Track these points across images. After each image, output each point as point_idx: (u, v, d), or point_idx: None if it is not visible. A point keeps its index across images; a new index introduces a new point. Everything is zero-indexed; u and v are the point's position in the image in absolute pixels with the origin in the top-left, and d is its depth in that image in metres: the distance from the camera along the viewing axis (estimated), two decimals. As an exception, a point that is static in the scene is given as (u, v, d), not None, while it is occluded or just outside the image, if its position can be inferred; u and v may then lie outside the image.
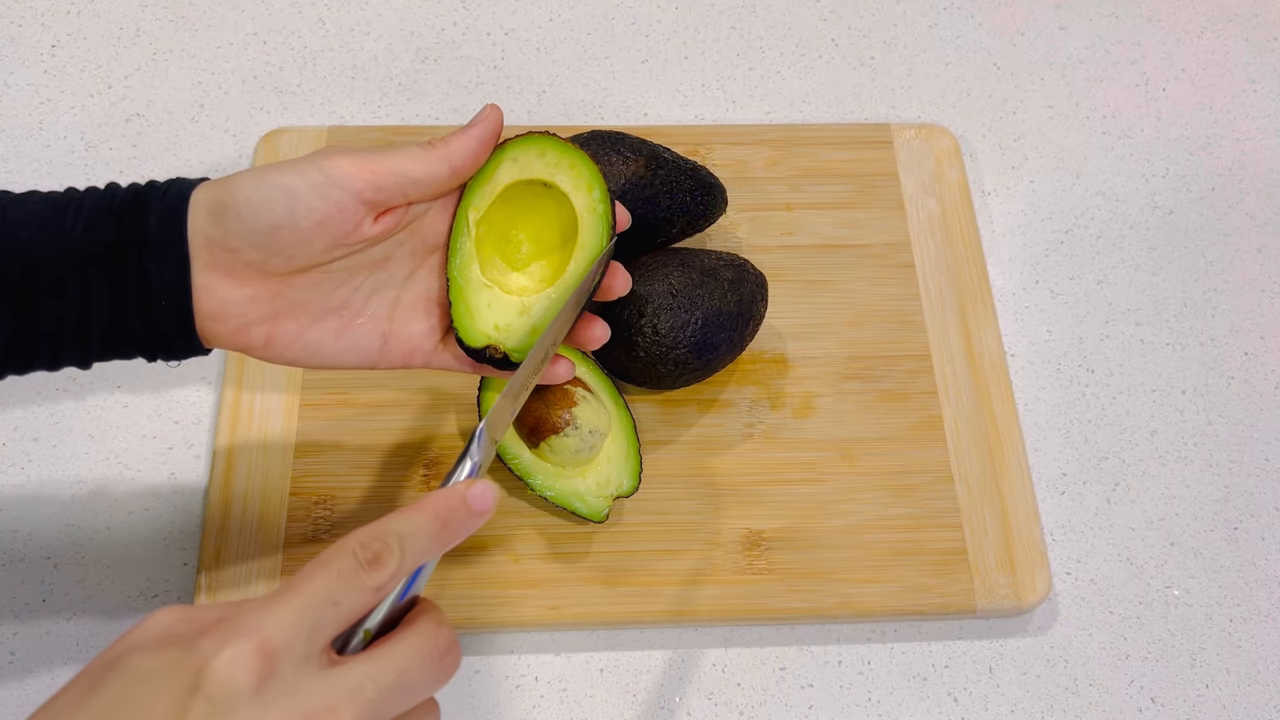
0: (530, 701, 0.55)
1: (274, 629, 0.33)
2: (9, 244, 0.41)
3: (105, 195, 0.42)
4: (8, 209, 0.42)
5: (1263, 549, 0.60)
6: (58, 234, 0.41)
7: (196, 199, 0.42)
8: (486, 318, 0.47)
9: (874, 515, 0.59)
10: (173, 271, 0.41)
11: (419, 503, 0.37)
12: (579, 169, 0.46)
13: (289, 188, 0.41)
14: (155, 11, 0.74)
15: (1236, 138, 0.74)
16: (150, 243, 0.41)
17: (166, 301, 0.41)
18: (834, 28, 0.77)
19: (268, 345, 0.44)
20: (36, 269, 0.40)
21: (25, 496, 0.58)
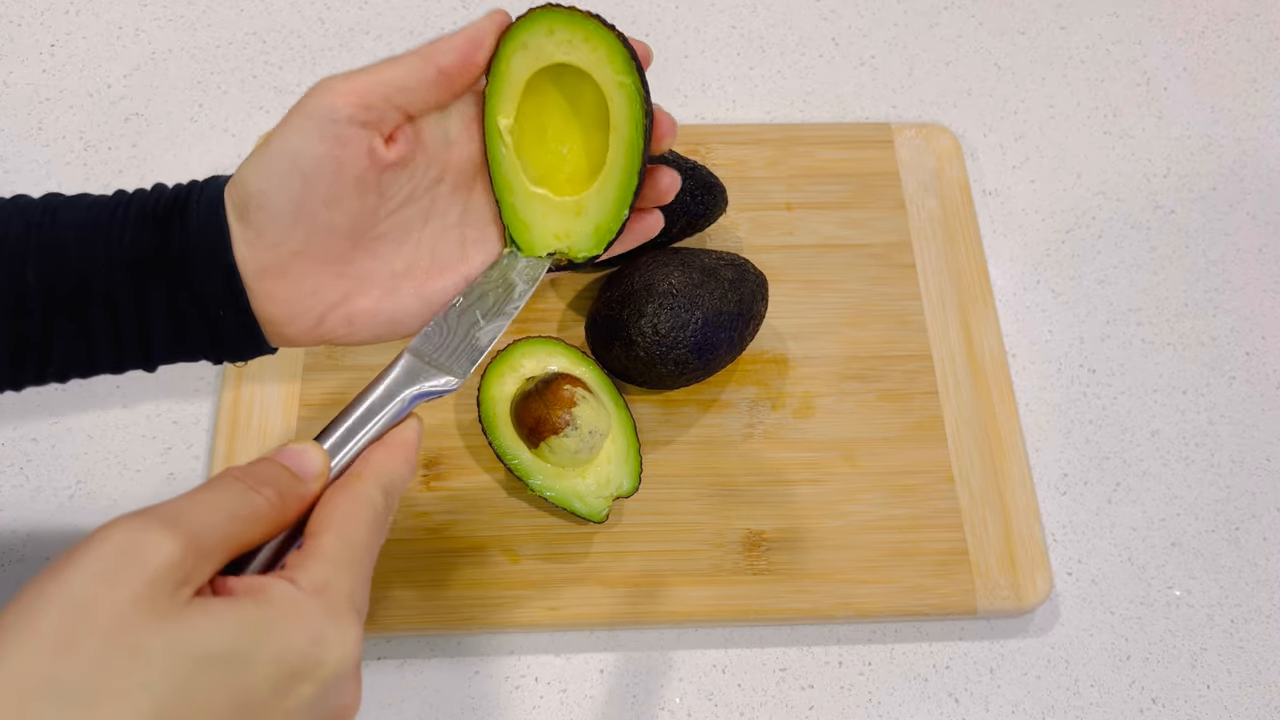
0: (530, 702, 0.55)
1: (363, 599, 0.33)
2: (60, 253, 0.39)
3: (149, 200, 0.41)
4: (57, 214, 0.40)
5: (1264, 549, 0.60)
6: (106, 243, 0.39)
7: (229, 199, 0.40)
8: (545, 227, 0.43)
9: (874, 516, 0.58)
10: (220, 281, 0.39)
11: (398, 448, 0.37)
12: (594, 40, 0.41)
13: (288, 150, 0.38)
14: (154, 11, 0.74)
15: (1238, 137, 0.74)
16: (192, 254, 0.39)
17: (224, 310, 0.40)
18: (834, 27, 0.77)
19: (351, 330, 0.42)
20: (89, 280, 0.39)
21: (25, 496, 0.58)
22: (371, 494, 0.35)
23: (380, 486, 0.35)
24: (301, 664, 0.30)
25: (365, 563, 0.33)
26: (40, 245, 0.40)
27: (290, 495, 0.34)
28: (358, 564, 0.33)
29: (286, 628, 0.30)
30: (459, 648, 0.56)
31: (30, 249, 0.39)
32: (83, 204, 0.41)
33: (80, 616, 0.27)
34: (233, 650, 0.28)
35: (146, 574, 0.28)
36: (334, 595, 0.31)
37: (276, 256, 0.40)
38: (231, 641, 0.29)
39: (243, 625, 0.29)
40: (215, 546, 0.30)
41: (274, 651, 0.29)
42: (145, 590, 0.28)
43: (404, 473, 0.37)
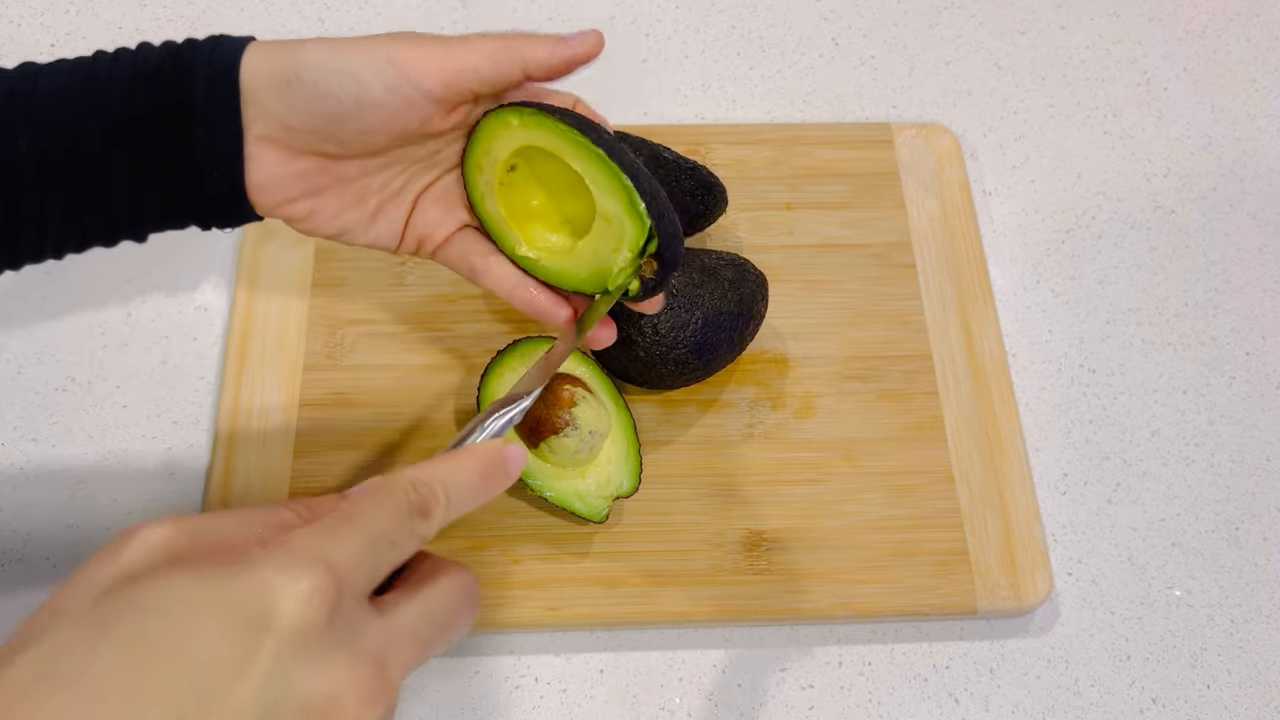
0: (530, 702, 0.55)
1: (343, 560, 0.29)
2: (46, 123, 0.39)
3: (139, 57, 0.40)
4: (38, 82, 0.40)
5: (1264, 549, 0.60)
6: (97, 103, 0.39)
7: (255, 66, 0.40)
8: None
9: (874, 516, 0.58)
10: (223, 141, 0.40)
11: (461, 453, 0.35)
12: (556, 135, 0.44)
13: (359, 78, 0.40)
14: (154, 11, 0.74)
15: (1238, 137, 0.74)
16: (197, 111, 0.39)
17: (218, 171, 0.40)
18: (834, 27, 0.77)
19: (309, 218, 0.44)
20: (80, 141, 0.39)
21: (25, 497, 0.58)
22: (393, 480, 0.33)
23: (409, 476, 0.33)
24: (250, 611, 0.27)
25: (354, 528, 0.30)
26: (28, 111, 0.39)
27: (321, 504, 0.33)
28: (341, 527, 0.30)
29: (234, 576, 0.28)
30: (459, 648, 0.56)
31: (17, 116, 0.39)
32: (64, 67, 0.40)
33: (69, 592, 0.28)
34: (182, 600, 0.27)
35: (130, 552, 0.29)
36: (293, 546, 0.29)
37: (288, 137, 0.41)
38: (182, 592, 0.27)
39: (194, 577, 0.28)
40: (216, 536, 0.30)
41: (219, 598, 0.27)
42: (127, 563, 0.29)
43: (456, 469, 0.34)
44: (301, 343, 0.61)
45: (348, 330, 0.62)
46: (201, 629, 0.27)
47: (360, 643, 0.29)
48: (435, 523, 0.33)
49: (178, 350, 0.63)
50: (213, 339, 0.63)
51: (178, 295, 0.64)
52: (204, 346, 0.63)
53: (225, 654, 0.27)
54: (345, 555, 0.29)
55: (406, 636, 0.30)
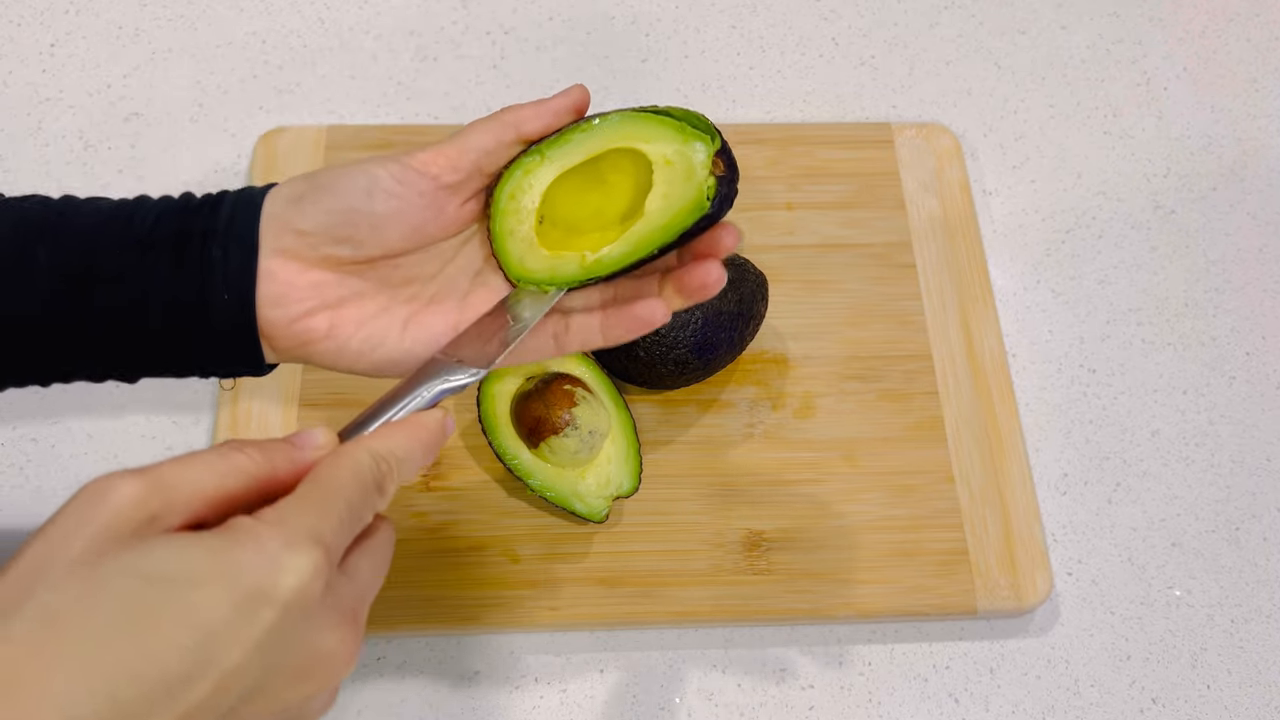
0: (530, 702, 0.55)
1: (331, 537, 0.32)
2: (74, 235, 0.40)
3: (180, 198, 0.42)
4: (80, 205, 0.41)
5: (1264, 549, 0.60)
6: (124, 228, 0.40)
7: (277, 191, 0.41)
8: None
9: (875, 516, 0.58)
10: (238, 259, 0.40)
11: (408, 426, 0.37)
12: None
13: (370, 173, 0.40)
14: (154, 10, 0.74)
15: (1238, 137, 0.74)
16: (218, 232, 0.40)
17: (229, 291, 0.40)
18: (834, 26, 0.77)
19: (329, 334, 0.41)
20: (97, 258, 0.40)
21: (25, 496, 0.58)
22: (358, 454, 0.34)
23: (371, 451, 0.35)
24: (255, 585, 0.29)
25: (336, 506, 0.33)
26: (57, 226, 0.40)
27: (279, 456, 0.34)
28: (326, 505, 0.32)
29: (238, 550, 0.30)
30: (459, 648, 0.56)
31: (45, 229, 0.40)
32: (105, 201, 0.42)
33: (51, 548, 0.29)
34: (182, 570, 0.29)
35: (109, 509, 0.30)
36: (290, 524, 0.31)
37: (300, 245, 0.40)
38: (181, 561, 0.29)
39: (196, 548, 0.30)
40: (187, 493, 0.31)
41: (225, 571, 0.29)
42: (107, 522, 0.29)
43: (406, 445, 0.36)
44: (301, 343, 0.61)
45: (348, 330, 0.62)
46: (203, 597, 0.29)
47: (341, 604, 0.32)
48: (389, 496, 0.35)
49: (177, 350, 0.62)
50: (212, 339, 0.63)
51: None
52: (204, 346, 0.63)
53: (227, 621, 0.29)
54: (333, 532, 0.32)
55: (367, 589, 0.34)
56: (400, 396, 0.39)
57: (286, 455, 0.34)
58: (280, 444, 0.35)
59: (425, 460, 0.37)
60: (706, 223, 0.42)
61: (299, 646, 0.31)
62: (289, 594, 0.30)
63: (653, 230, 0.42)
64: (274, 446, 0.34)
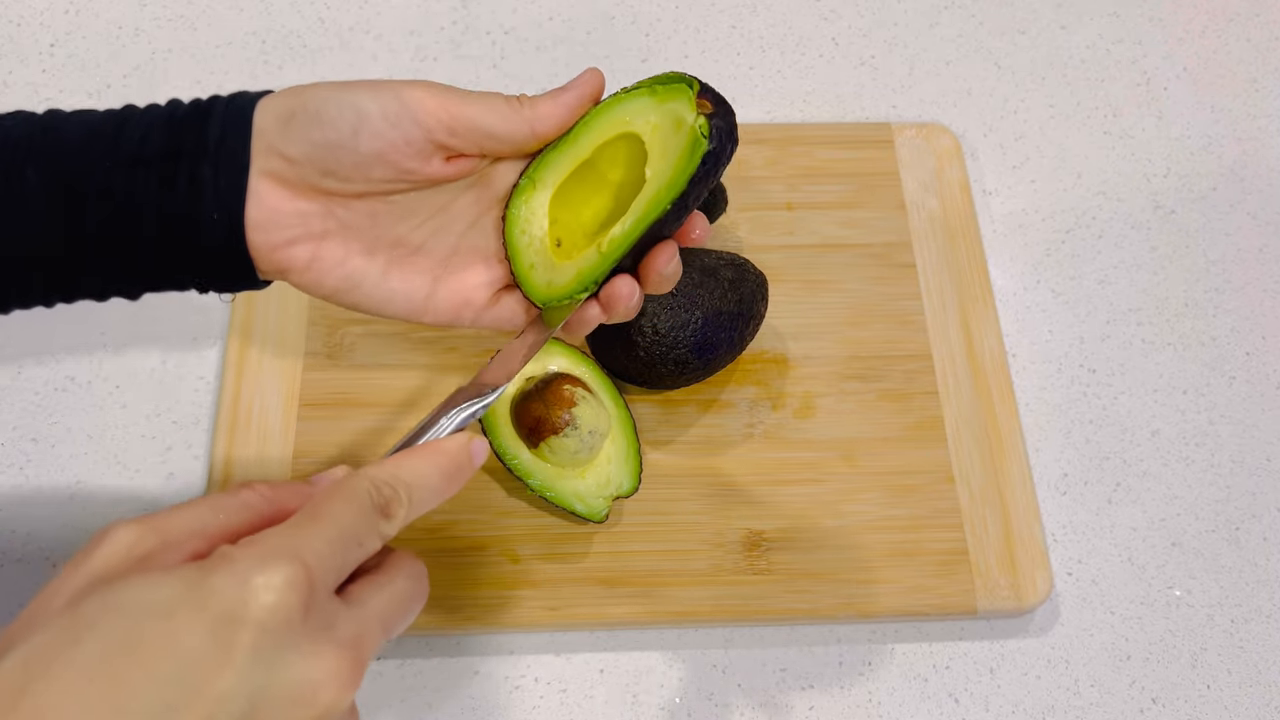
0: (530, 703, 0.55)
1: (313, 556, 0.31)
2: (62, 152, 0.39)
3: (166, 109, 0.41)
4: (66, 121, 0.40)
5: (1264, 549, 0.60)
6: (113, 143, 0.40)
7: (267, 105, 0.40)
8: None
9: (875, 516, 0.58)
10: (228, 178, 0.39)
11: (424, 452, 0.36)
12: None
13: (360, 107, 0.39)
14: (154, 10, 0.74)
15: (1238, 137, 0.74)
16: (209, 150, 0.39)
17: (218, 211, 0.39)
18: (834, 26, 0.77)
19: (310, 266, 0.41)
20: (86, 174, 0.39)
21: (25, 497, 0.58)
22: (355, 480, 0.34)
23: (371, 476, 0.34)
24: (227, 607, 0.29)
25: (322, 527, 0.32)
26: (44, 145, 0.40)
27: (290, 492, 0.34)
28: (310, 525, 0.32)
29: (210, 575, 0.29)
30: (459, 648, 0.56)
31: (33, 149, 0.39)
32: (93, 114, 0.41)
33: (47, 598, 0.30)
34: (156, 600, 0.29)
35: (100, 555, 0.30)
36: (266, 545, 0.30)
37: (287, 170, 0.40)
38: (156, 592, 0.29)
39: (170, 578, 0.29)
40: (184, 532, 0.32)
41: (197, 597, 0.29)
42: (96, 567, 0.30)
43: (418, 470, 0.36)
44: (301, 343, 0.61)
45: (348, 330, 0.62)
46: (178, 625, 0.28)
47: (335, 632, 0.31)
48: (398, 522, 0.34)
49: (177, 350, 0.63)
50: (212, 339, 0.63)
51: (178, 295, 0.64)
52: (204, 346, 0.63)
53: (205, 647, 0.28)
54: (315, 552, 0.31)
55: (374, 623, 0.32)
56: (428, 427, 0.39)
57: (296, 491, 0.34)
58: (295, 483, 0.35)
59: (447, 487, 0.36)
60: (713, 161, 0.40)
61: (285, 672, 0.29)
62: (264, 612, 0.29)
63: (658, 189, 0.41)
64: (286, 485, 0.34)
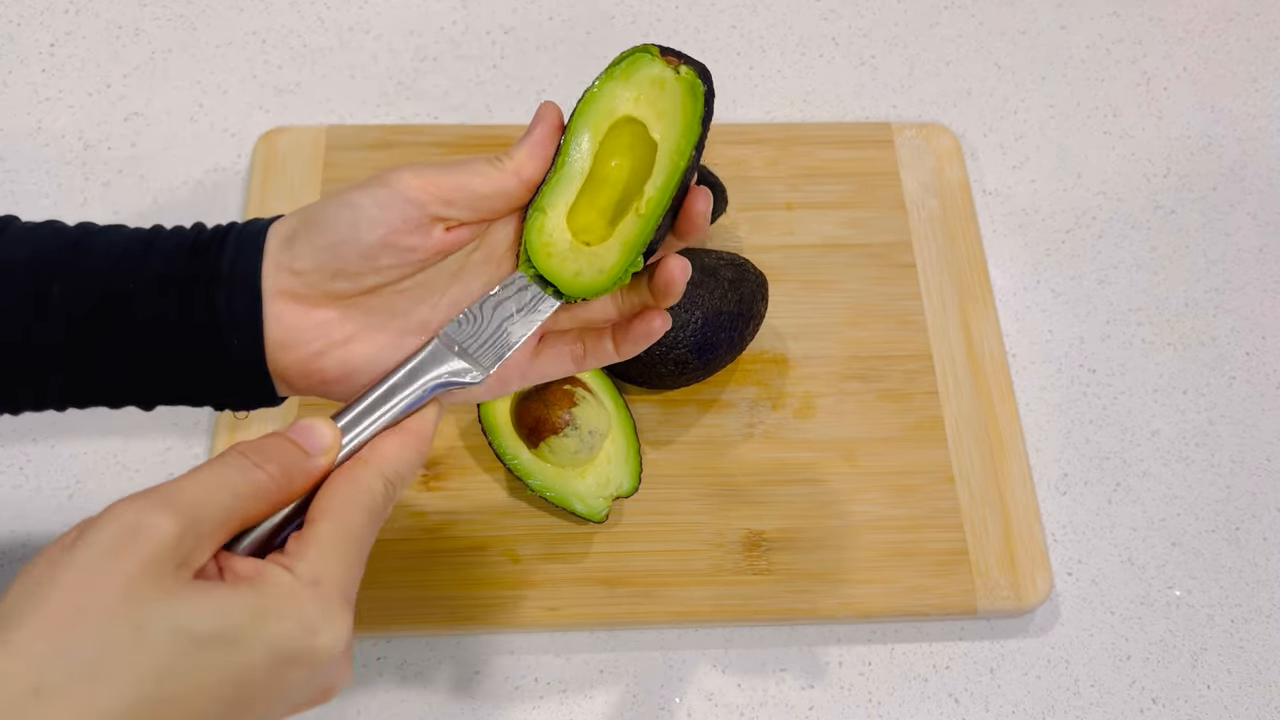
0: (530, 703, 0.55)
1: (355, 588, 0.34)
2: (88, 267, 0.40)
3: (190, 232, 0.42)
4: (94, 237, 0.41)
5: (1264, 549, 0.60)
6: (138, 263, 0.40)
7: (275, 230, 0.41)
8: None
9: (875, 516, 0.58)
10: (243, 305, 0.40)
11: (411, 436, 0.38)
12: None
13: (353, 203, 0.40)
14: (154, 10, 0.74)
15: (1238, 137, 0.74)
16: (222, 277, 0.40)
17: (238, 337, 0.40)
18: (834, 26, 0.77)
19: (343, 374, 0.41)
20: (111, 295, 0.40)
21: (25, 496, 0.58)
22: (372, 482, 0.36)
23: (383, 474, 0.36)
24: (294, 651, 0.31)
25: (358, 550, 0.34)
26: (72, 263, 0.40)
27: (295, 470, 0.35)
28: (351, 551, 0.34)
29: (281, 616, 0.31)
30: (459, 648, 0.56)
31: (61, 265, 0.40)
32: (120, 232, 0.42)
33: (87, 591, 0.30)
34: (230, 633, 0.31)
35: (147, 553, 0.30)
36: (327, 586, 0.33)
37: (299, 284, 0.40)
38: (229, 625, 0.31)
39: (240, 610, 0.31)
40: (216, 526, 0.32)
41: (268, 638, 0.31)
42: (146, 568, 0.30)
43: (412, 461, 0.37)
44: (301, 343, 0.61)
45: (347, 330, 0.62)
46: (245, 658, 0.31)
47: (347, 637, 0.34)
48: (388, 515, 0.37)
49: (177, 350, 0.62)
50: (212, 339, 0.63)
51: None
52: (204, 346, 0.63)
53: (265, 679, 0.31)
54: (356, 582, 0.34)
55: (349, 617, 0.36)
56: (398, 388, 0.39)
57: (301, 468, 0.35)
58: (291, 450, 0.35)
59: (420, 466, 0.38)
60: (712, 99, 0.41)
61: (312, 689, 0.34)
62: (323, 655, 0.32)
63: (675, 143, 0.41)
64: (287, 457, 0.35)
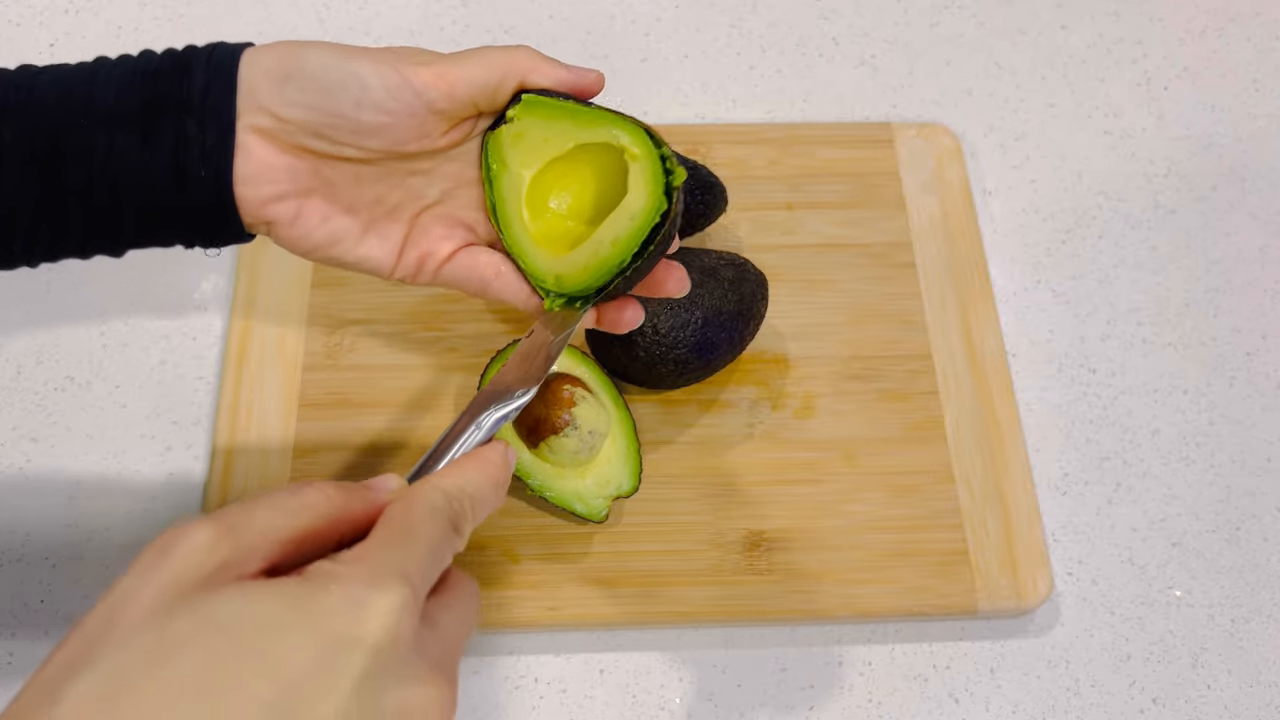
0: (530, 702, 0.55)
1: (418, 576, 0.30)
2: (35, 112, 0.39)
3: (139, 60, 0.40)
4: (35, 79, 0.40)
5: (1265, 550, 0.60)
6: (86, 99, 0.39)
7: (255, 61, 0.40)
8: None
9: (875, 516, 0.58)
10: (215, 135, 0.39)
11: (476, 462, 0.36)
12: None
13: (362, 78, 0.39)
14: (154, 10, 0.74)
15: (1238, 137, 0.74)
16: (192, 105, 0.39)
17: (205, 168, 0.39)
18: (835, 26, 0.77)
19: (294, 221, 0.41)
20: (63, 135, 0.39)
21: (24, 497, 0.58)
22: (430, 494, 0.33)
23: (443, 489, 0.34)
24: (341, 628, 0.27)
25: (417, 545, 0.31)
26: (18, 105, 0.39)
27: (354, 495, 0.33)
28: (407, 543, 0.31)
29: (320, 593, 0.28)
30: (459, 648, 0.56)
31: (6, 107, 0.39)
32: (64, 69, 0.40)
33: (119, 605, 0.27)
34: (259, 618, 0.27)
35: (178, 558, 0.28)
36: (374, 562, 0.29)
37: (280, 128, 0.40)
38: (258, 608, 0.27)
39: (275, 595, 0.28)
40: (260, 537, 0.30)
41: (307, 616, 0.27)
42: (176, 572, 0.28)
43: (478, 482, 0.35)
44: (301, 343, 0.61)
45: (348, 330, 0.62)
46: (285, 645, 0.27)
47: (430, 651, 0.30)
48: (466, 537, 0.34)
49: (177, 350, 0.62)
50: (212, 339, 0.63)
51: (177, 295, 0.64)
52: (203, 346, 0.63)
53: (312, 670, 0.27)
54: (418, 571, 0.30)
55: (453, 644, 0.31)
56: (459, 433, 0.38)
57: (361, 495, 0.33)
58: (354, 485, 0.34)
59: (495, 498, 0.36)
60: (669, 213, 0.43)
61: (392, 695, 0.28)
62: (379, 634, 0.28)
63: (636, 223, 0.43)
64: (348, 486, 0.33)
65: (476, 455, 0.37)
